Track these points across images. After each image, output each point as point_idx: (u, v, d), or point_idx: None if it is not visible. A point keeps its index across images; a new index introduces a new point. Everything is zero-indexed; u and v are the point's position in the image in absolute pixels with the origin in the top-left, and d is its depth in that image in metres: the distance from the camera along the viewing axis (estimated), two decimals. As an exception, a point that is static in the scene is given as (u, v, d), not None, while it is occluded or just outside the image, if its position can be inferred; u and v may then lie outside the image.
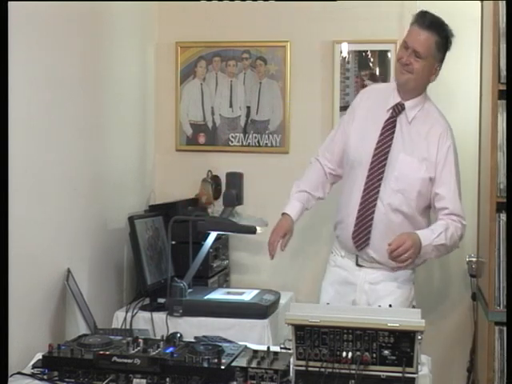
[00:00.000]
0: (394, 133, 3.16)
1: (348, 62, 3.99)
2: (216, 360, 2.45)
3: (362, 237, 3.16)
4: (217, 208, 3.97)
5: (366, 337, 2.28)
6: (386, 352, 2.28)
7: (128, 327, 3.32)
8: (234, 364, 2.45)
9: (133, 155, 3.98)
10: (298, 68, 4.07)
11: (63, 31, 3.13)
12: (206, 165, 4.10)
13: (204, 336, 3.02)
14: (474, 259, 3.76)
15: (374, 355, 2.28)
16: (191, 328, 3.23)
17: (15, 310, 2.64)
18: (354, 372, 2.27)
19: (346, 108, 3.53)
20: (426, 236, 3.04)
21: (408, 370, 2.26)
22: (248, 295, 3.51)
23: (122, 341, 2.66)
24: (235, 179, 3.66)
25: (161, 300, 3.48)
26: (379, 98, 3.25)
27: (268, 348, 2.59)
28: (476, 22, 3.62)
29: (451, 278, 3.98)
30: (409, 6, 3.34)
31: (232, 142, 4.16)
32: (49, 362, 2.54)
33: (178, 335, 2.93)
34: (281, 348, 2.61)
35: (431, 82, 3.18)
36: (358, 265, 3.22)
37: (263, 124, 4.13)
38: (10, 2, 2.51)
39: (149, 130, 4.16)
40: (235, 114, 4.15)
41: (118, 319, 3.42)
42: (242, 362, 2.46)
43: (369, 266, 3.20)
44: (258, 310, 3.33)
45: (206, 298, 3.46)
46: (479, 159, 3.61)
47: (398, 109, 3.18)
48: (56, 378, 2.49)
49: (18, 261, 2.69)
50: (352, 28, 3.97)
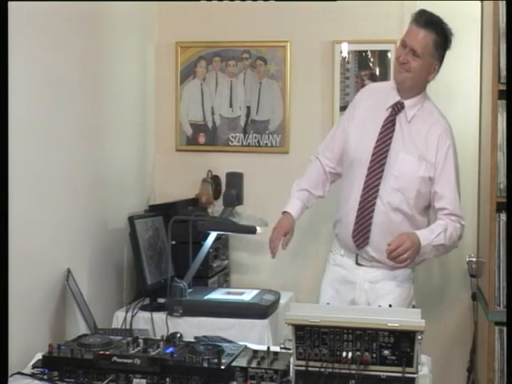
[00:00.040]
0: (393, 131, 3.16)
1: (348, 62, 3.99)
2: (216, 360, 2.45)
3: (361, 235, 3.16)
4: (217, 208, 3.97)
5: (365, 337, 2.28)
6: (386, 352, 2.28)
7: (128, 327, 3.32)
8: (234, 364, 2.45)
9: (133, 155, 3.98)
10: (298, 68, 4.07)
11: (63, 31, 3.13)
12: (206, 165, 4.10)
13: (204, 336, 3.02)
14: (474, 259, 3.76)
15: (374, 355, 2.28)
16: (191, 328, 3.23)
17: (15, 309, 2.64)
18: (354, 372, 2.27)
19: (345, 108, 3.52)
20: (425, 236, 3.05)
21: (408, 369, 2.26)
22: (248, 295, 3.51)
23: (122, 341, 2.66)
24: (235, 179, 3.66)
25: (161, 300, 3.48)
26: (379, 96, 3.25)
27: (268, 348, 2.59)
28: (476, 22, 3.62)
29: (451, 278, 3.98)
30: (409, 6, 3.34)
31: (232, 142, 4.16)
32: (49, 362, 2.54)
33: (178, 335, 2.93)
34: (281, 348, 2.60)
35: (430, 81, 3.18)
36: (357, 263, 3.22)
37: (263, 124, 4.12)
38: (10, 2, 2.51)
39: (149, 130, 4.16)
40: (235, 114, 4.15)
41: (118, 319, 3.42)
42: (241, 361, 2.46)
43: (368, 264, 3.20)
44: (258, 310, 3.33)
45: (206, 297, 3.46)
46: (479, 159, 3.61)
47: (398, 107, 3.18)
48: (56, 378, 2.49)
49: (18, 261, 2.69)
50: (352, 28, 3.96)
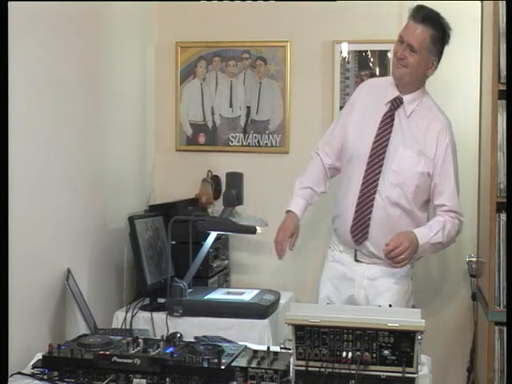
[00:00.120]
0: (392, 126, 3.15)
1: (348, 62, 3.99)
2: (216, 360, 2.45)
3: (360, 231, 3.15)
4: (217, 208, 3.97)
5: (365, 337, 2.28)
6: (386, 352, 2.28)
7: (128, 327, 3.32)
8: (234, 364, 2.45)
9: (133, 155, 3.98)
10: (298, 68, 4.06)
11: (63, 31, 3.13)
12: (206, 165, 4.10)
13: (204, 336, 3.02)
14: (474, 259, 3.76)
15: (374, 355, 2.28)
16: (191, 328, 3.23)
17: (15, 310, 2.64)
18: (354, 372, 2.27)
19: (345, 107, 3.52)
20: (424, 235, 3.06)
21: (408, 369, 2.26)
22: (248, 295, 3.51)
23: (122, 341, 2.66)
24: (235, 179, 3.66)
25: (161, 300, 3.48)
26: (378, 92, 3.25)
27: (268, 348, 2.59)
28: (476, 22, 3.62)
29: (451, 278, 3.98)
30: (409, 6, 3.32)
31: (232, 142, 4.16)
32: (49, 362, 2.55)
33: (178, 335, 2.93)
34: (281, 348, 2.61)
35: (429, 77, 3.18)
36: (356, 260, 3.22)
37: (263, 124, 4.12)
38: (10, 2, 2.51)
39: (149, 130, 4.16)
40: (235, 114, 4.15)
41: (118, 319, 3.42)
42: (241, 361, 2.46)
43: (367, 261, 3.20)
44: (258, 310, 3.33)
45: (206, 297, 3.46)
46: (479, 159, 3.61)
47: (397, 103, 3.17)
48: (56, 378, 2.49)
49: (18, 261, 2.69)
50: (352, 28, 3.96)
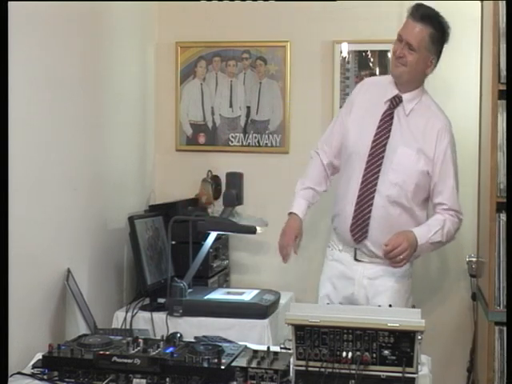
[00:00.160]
0: (391, 125, 3.15)
1: (348, 62, 3.99)
2: (216, 360, 2.45)
3: (360, 229, 3.15)
4: (217, 208, 3.96)
5: (365, 337, 2.28)
6: (386, 352, 2.28)
7: (128, 327, 3.32)
8: (234, 364, 2.45)
9: (133, 155, 3.98)
10: (298, 68, 4.06)
11: (63, 31, 3.13)
12: (206, 165, 4.10)
13: (204, 336, 3.02)
14: (474, 259, 3.76)
15: (374, 355, 2.28)
16: (191, 328, 3.23)
17: (15, 310, 2.64)
18: (354, 372, 2.27)
19: (345, 107, 3.52)
20: (423, 234, 3.06)
21: (408, 370, 2.26)
22: (248, 295, 3.51)
23: (122, 341, 2.66)
24: (235, 179, 3.66)
25: (161, 300, 3.48)
26: (377, 90, 3.25)
27: (268, 348, 2.59)
28: (476, 22, 3.62)
29: (451, 278, 3.98)
30: (409, 6, 3.32)
31: (232, 142, 4.16)
32: (49, 362, 2.54)
33: (178, 335, 2.92)
34: (281, 348, 2.61)
35: (428, 75, 3.18)
36: (356, 259, 3.22)
37: (263, 124, 4.12)
38: (10, 2, 2.51)
39: (149, 130, 4.16)
40: (235, 113, 4.15)
41: (118, 319, 3.42)
42: (242, 362, 2.46)
43: (367, 260, 3.20)
44: (258, 310, 3.33)
45: (206, 297, 3.46)
46: (479, 159, 3.61)
47: (396, 101, 3.17)
48: (56, 378, 2.49)
49: (18, 261, 2.69)
50: (352, 28, 3.96)
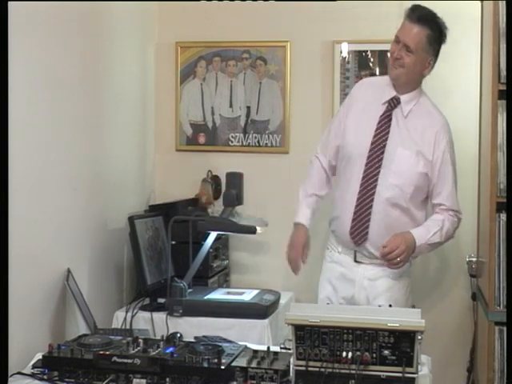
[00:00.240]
0: (389, 127, 3.15)
1: (348, 62, 3.99)
2: (216, 360, 2.45)
3: (359, 232, 3.15)
4: (217, 208, 3.96)
5: (366, 337, 2.28)
6: (386, 352, 2.28)
7: (128, 327, 3.32)
8: (234, 364, 2.45)
9: (133, 155, 3.98)
10: (298, 68, 4.06)
11: (63, 31, 3.13)
12: (206, 165, 4.10)
13: (204, 336, 3.02)
14: (474, 259, 3.76)
15: (374, 355, 2.28)
16: (191, 328, 3.23)
17: (15, 310, 2.64)
18: (354, 372, 2.27)
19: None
20: (421, 236, 3.07)
21: (408, 370, 2.26)
22: (248, 295, 3.51)
23: (122, 341, 2.66)
24: (235, 179, 3.66)
25: (161, 300, 3.48)
26: (375, 91, 3.24)
27: (268, 348, 2.59)
28: (476, 22, 3.62)
29: (451, 278, 3.98)
30: (408, 6, 3.32)
31: (232, 142, 4.16)
32: (49, 362, 2.54)
33: (178, 335, 2.92)
34: (281, 348, 2.60)
35: (425, 76, 3.17)
36: (356, 261, 3.21)
37: (263, 124, 4.12)
38: (10, 2, 2.51)
39: (149, 130, 4.16)
40: (235, 113, 4.15)
41: (118, 319, 3.42)
42: (242, 362, 2.46)
43: (367, 261, 3.19)
44: (258, 310, 3.33)
45: (206, 298, 3.46)
46: (479, 159, 3.61)
47: (394, 103, 3.17)
48: (56, 378, 2.49)
49: (18, 261, 2.69)
50: (352, 28, 3.96)
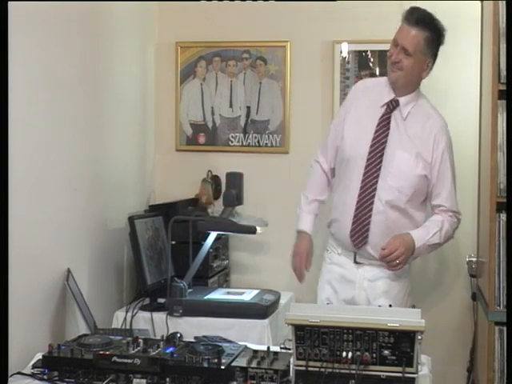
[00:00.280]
0: (389, 129, 3.14)
1: (348, 62, 3.99)
2: (216, 360, 2.45)
3: (360, 235, 3.14)
4: (217, 208, 3.96)
5: (366, 337, 2.28)
6: (386, 352, 2.28)
7: (128, 327, 3.32)
8: (234, 364, 2.45)
9: (133, 155, 3.98)
10: (298, 68, 4.06)
11: (63, 31, 3.13)
12: (206, 165, 4.10)
13: (204, 336, 3.02)
14: (474, 259, 3.76)
15: (374, 355, 2.28)
16: (191, 328, 3.23)
17: (15, 310, 2.64)
18: (354, 372, 2.27)
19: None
20: (421, 237, 3.08)
21: (408, 370, 2.26)
22: (248, 295, 3.51)
23: (122, 341, 2.66)
24: (235, 179, 3.66)
25: (161, 300, 3.47)
26: (373, 93, 3.23)
27: (268, 348, 2.59)
28: (476, 22, 3.62)
29: (451, 278, 3.98)
30: (408, 6, 3.32)
31: (232, 142, 4.16)
32: (49, 362, 2.54)
33: (178, 335, 2.92)
34: (281, 348, 2.60)
35: (424, 78, 3.16)
36: (356, 262, 3.21)
37: (263, 124, 4.12)
38: (10, 2, 2.51)
39: (149, 130, 4.16)
40: (235, 113, 4.15)
41: (118, 319, 3.41)
42: (242, 362, 2.46)
43: (367, 263, 3.19)
44: (258, 310, 3.33)
45: (206, 298, 3.46)
46: (479, 159, 3.61)
47: (393, 105, 3.16)
48: (56, 378, 2.49)
49: (18, 261, 2.69)
50: (352, 28, 3.96)
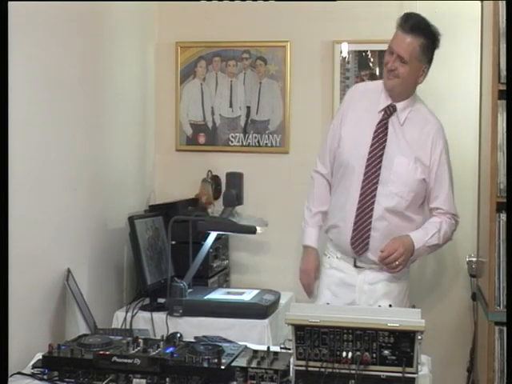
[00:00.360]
0: (386, 135, 3.13)
1: (348, 62, 3.99)
2: (216, 360, 2.45)
3: (360, 242, 3.13)
4: (217, 208, 3.96)
5: (366, 337, 2.28)
6: (386, 352, 2.28)
7: (128, 327, 3.32)
8: (234, 364, 2.45)
9: (133, 155, 3.98)
10: (298, 68, 4.06)
11: (63, 31, 3.13)
12: (206, 165, 4.10)
13: (204, 336, 3.02)
14: (474, 259, 3.76)
15: (374, 355, 2.28)
16: (191, 328, 3.23)
17: (15, 310, 2.64)
18: (354, 372, 2.27)
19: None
20: (420, 238, 3.08)
21: (408, 370, 2.26)
22: (248, 295, 3.51)
23: (122, 341, 2.66)
24: (235, 179, 3.66)
25: (161, 300, 3.48)
26: (369, 98, 3.21)
27: (268, 348, 2.59)
28: (476, 22, 3.62)
29: (451, 278, 3.98)
30: (408, 6, 3.33)
31: (232, 142, 4.16)
32: (49, 362, 2.54)
33: (178, 335, 2.92)
34: (281, 348, 2.60)
35: (420, 83, 3.15)
36: (356, 266, 3.20)
37: (263, 124, 4.12)
38: (10, 2, 2.51)
39: (149, 130, 4.16)
40: (235, 113, 4.15)
41: (118, 319, 3.42)
42: (242, 362, 2.46)
43: (367, 267, 3.18)
44: (258, 310, 3.33)
45: (206, 298, 3.46)
46: (479, 159, 3.61)
47: (390, 110, 3.15)
48: (56, 378, 2.49)
49: (18, 261, 2.69)
50: (352, 28, 3.96)
